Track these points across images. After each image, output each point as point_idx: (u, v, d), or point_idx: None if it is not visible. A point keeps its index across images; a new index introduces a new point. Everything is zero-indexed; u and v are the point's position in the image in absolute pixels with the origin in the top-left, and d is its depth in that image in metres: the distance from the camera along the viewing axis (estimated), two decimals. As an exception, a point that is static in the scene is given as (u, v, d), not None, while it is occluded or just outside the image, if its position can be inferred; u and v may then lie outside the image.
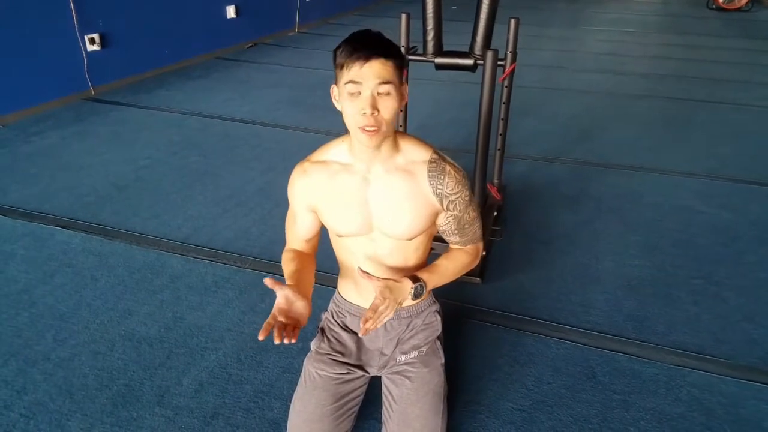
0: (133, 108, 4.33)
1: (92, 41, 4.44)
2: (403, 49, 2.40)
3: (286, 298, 1.18)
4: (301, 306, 1.20)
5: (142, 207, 2.84)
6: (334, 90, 1.23)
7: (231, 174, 3.23)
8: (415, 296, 1.30)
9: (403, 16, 2.36)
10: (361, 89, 1.15)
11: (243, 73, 5.38)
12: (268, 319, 1.14)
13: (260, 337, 1.09)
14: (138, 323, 2.02)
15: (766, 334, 2.01)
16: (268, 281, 1.15)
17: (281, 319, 1.16)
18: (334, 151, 1.33)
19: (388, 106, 1.17)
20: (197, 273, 2.32)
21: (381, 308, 1.21)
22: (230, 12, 6.02)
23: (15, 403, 1.68)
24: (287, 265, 1.37)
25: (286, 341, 1.11)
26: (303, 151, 1.43)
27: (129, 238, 2.56)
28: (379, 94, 1.16)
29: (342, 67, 1.17)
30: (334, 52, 1.20)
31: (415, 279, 1.31)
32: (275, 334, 1.11)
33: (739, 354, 1.92)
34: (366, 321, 1.17)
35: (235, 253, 2.46)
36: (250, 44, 6.40)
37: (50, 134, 3.77)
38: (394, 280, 1.28)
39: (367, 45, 1.15)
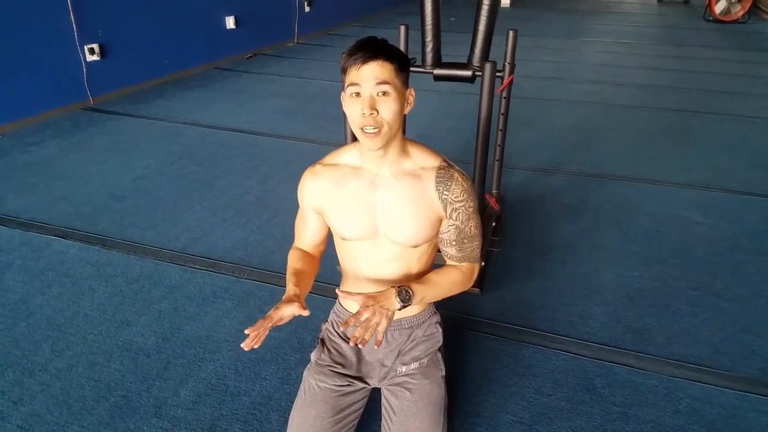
0: (131, 118, 4.33)
1: (92, 51, 4.45)
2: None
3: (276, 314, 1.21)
4: (288, 310, 1.23)
5: (140, 217, 2.84)
6: (342, 96, 1.25)
7: (229, 184, 3.23)
8: (402, 301, 1.24)
9: (402, 27, 2.37)
10: (361, 90, 1.19)
11: (242, 84, 5.39)
12: (266, 324, 1.18)
13: (244, 346, 1.15)
14: (135, 334, 2.01)
15: (765, 345, 2.01)
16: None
17: (265, 324, 1.18)
18: (346, 155, 1.36)
19: (388, 107, 1.19)
20: (195, 283, 2.31)
21: (366, 315, 1.17)
22: (230, 23, 6.05)
23: (12, 414, 1.67)
24: (292, 262, 1.41)
25: (247, 348, 1.16)
26: (301, 161, 1.43)
27: (127, 248, 2.55)
28: (378, 95, 1.19)
29: (345, 71, 1.21)
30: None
31: (399, 287, 1.27)
32: (247, 342, 1.16)
33: (738, 365, 1.92)
34: (347, 324, 1.16)
35: (233, 263, 2.45)
36: (250, 55, 6.42)
37: (48, 144, 3.77)
38: (375, 293, 1.25)
39: (365, 48, 1.19)
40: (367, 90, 1.18)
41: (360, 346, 1.14)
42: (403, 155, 1.31)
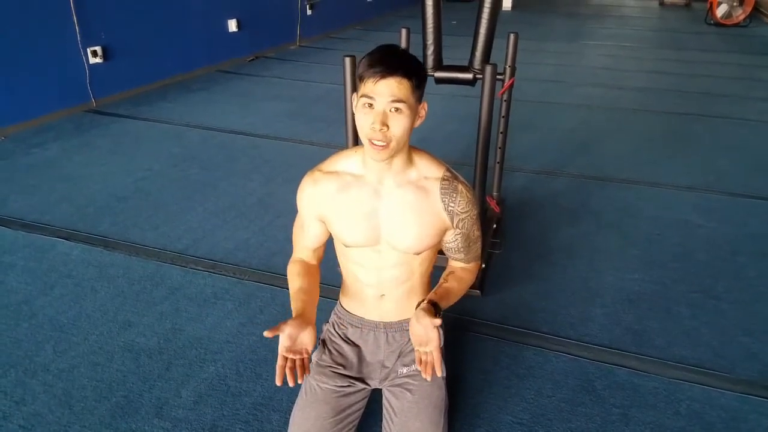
0: (134, 120, 4.35)
1: (94, 54, 4.47)
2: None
3: (289, 337, 1.20)
4: (305, 336, 1.22)
5: (142, 218, 2.85)
6: (354, 98, 1.25)
7: (231, 185, 3.24)
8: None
9: (403, 30, 2.38)
10: (374, 103, 1.17)
11: (244, 86, 5.41)
12: (278, 362, 1.18)
13: (277, 383, 1.15)
14: (137, 334, 2.02)
15: (766, 348, 2.01)
16: (267, 333, 1.18)
17: (289, 356, 1.18)
18: (347, 161, 1.34)
19: (399, 124, 1.18)
20: (196, 284, 2.32)
21: (431, 345, 1.24)
22: (232, 25, 6.07)
23: (14, 414, 1.68)
24: (294, 280, 1.40)
25: (300, 381, 1.17)
26: (303, 163, 1.44)
27: (129, 249, 2.56)
28: (391, 111, 1.17)
29: (361, 78, 1.18)
30: (359, 61, 1.22)
31: (435, 307, 1.28)
32: (288, 377, 1.16)
33: (738, 368, 1.92)
34: (427, 364, 1.22)
35: (235, 265, 2.46)
36: (251, 57, 6.44)
37: (51, 146, 3.79)
38: (422, 310, 1.25)
39: (385, 62, 1.16)
40: (381, 105, 1.16)
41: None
42: (408, 165, 1.30)
